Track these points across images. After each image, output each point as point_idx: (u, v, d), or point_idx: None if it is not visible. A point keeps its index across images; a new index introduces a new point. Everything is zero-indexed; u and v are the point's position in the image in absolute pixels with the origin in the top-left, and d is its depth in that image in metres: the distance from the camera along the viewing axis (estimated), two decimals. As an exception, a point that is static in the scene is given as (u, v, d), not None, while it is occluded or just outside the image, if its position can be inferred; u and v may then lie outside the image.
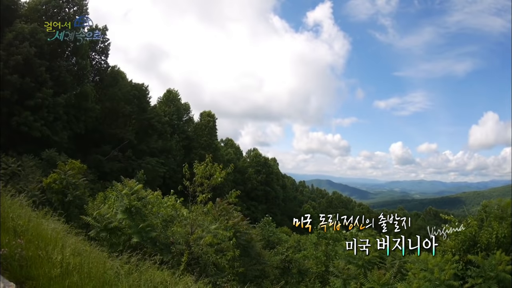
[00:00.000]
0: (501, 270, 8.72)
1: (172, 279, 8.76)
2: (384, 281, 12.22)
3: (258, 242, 19.46)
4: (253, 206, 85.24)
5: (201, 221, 14.19)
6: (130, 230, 12.74)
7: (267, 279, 17.18)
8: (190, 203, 13.61)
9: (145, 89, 62.04)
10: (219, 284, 12.00)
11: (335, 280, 14.73)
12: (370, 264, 15.00)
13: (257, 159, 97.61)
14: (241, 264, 15.26)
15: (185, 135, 70.50)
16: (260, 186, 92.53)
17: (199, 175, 13.14)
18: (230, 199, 15.00)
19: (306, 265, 20.19)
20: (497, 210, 10.60)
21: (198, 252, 12.98)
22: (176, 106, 70.94)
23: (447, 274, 9.36)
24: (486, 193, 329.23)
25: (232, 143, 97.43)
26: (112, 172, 47.12)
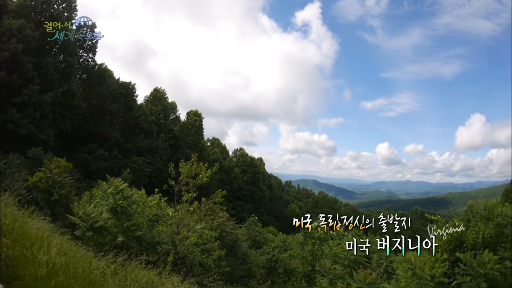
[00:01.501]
0: (490, 269, 8.79)
1: (159, 279, 8.74)
2: (370, 280, 12.28)
3: (244, 242, 19.42)
4: (239, 205, 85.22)
5: (186, 221, 14.14)
6: (116, 229, 12.67)
7: (253, 278, 17.18)
8: (175, 203, 13.58)
9: (132, 88, 61.75)
10: (205, 283, 11.99)
11: (321, 280, 14.77)
12: (356, 264, 15.05)
13: (243, 158, 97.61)
14: (227, 264, 15.22)
15: (171, 134, 70.27)
16: (246, 185, 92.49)
17: (185, 175, 13.10)
18: (216, 199, 14.99)
19: (292, 265, 20.20)
20: (483, 211, 10.68)
21: (184, 252, 12.93)
22: (163, 105, 70.68)
23: (438, 271, 9.43)
24: (472, 194, 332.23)
25: (219, 143, 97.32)
26: (98, 171, 46.77)
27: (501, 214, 9.88)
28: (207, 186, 37.20)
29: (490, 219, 10.28)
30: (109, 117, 56.09)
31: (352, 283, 12.55)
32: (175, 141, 70.58)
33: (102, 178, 15.11)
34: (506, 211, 9.85)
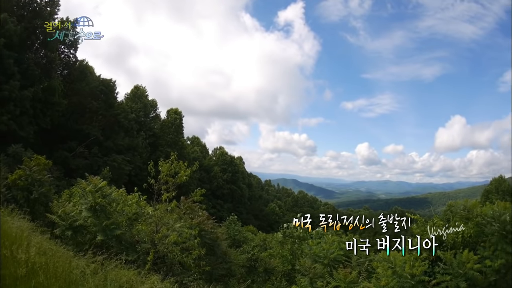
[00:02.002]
0: (469, 268, 8.88)
1: (138, 279, 8.66)
2: (350, 279, 12.31)
3: (224, 240, 19.39)
4: (219, 204, 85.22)
5: (166, 220, 14.03)
6: (95, 228, 12.54)
7: (233, 277, 17.16)
8: (155, 201, 13.48)
9: (112, 85, 61.32)
10: (185, 283, 11.92)
11: (301, 279, 14.79)
12: (336, 263, 15.09)
13: (223, 157, 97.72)
14: (207, 263, 15.16)
15: (151, 132, 69.95)
16: (226, 184, 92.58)
17: (164, 173, 13.01)
18: (195, 198, 14.89)
19: (272, 264, 20.22)
20: (463, 211, 10.80)
21: (164, 251, 12.84)
22: (143, 102, 70.31)
23: (418, 270, 9.50)
24: (451, 194, 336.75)
25: (198, 141, 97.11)
26: (78, 169, 46.40)
27: (480, 214, 10.00)
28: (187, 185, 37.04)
29: (469, 219, 10.41)
30: (89, 114, 55.42)
31: (332, 281, 12.58)
32: (155, 139, 70.28)
33: (81, 176, 14.92)
34: (486, 211, 9.97)
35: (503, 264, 8.77)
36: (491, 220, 9.49)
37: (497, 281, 9.07)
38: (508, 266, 9.07)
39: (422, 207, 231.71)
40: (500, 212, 9.53)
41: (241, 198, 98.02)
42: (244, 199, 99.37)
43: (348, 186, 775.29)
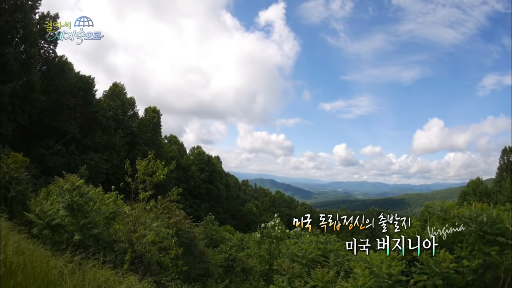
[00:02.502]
0: (446, 267, 8.99)
1: (116, 279, 8.57)
2: (327, 279, 12.37)
3: (201, 240, 19.34)
4: (196, 204, 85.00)
5: (143, 219, 13.92)
6: (72, 227, 12.39)
7: (211, 277, 17.10)
8: (132, 201, 13.36)
9: (91, 82, 60.66)
10: (163, 283, 11.84)
11: (279, 278, 14.82)
12: (313, 263, 15.15)
13: (201, 157, 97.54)
14: (184, 263, 15.08)
15: (129, 131, 69.38)
16: (203, 184, 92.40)
17: (141, 172, 12.92)
18: (172, 197, 14.78)
19: (250, 264, 20.22)
20: (440, 212, 10.92)
21: (141, 251, 12.74)
22: (121, 100, 69.75)
23: (395, 270, 9.58)
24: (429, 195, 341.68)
25: (176, 140, 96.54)
26: (56, 167, 45.75)
27: (457, 215, 10.11)
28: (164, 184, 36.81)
29: (446, 220, 10.53)
30: (67, 111, 54.67)
31: (310, 281, 12.63)
32: (133, 138, 69.75)
33: (59, 174, 14.73)
34: (463, 212, 10.09)
35: (480, 264, 8.90)
36: (468, 221, 9.61)
37: (475, 280, 9.19)
38: (486, 266, 9.20)
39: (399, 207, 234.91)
40: (477, 213, 9.66)
41: (219, 197, 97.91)
42: (221, 199, 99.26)
43: (326, 187, 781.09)
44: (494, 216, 9.28)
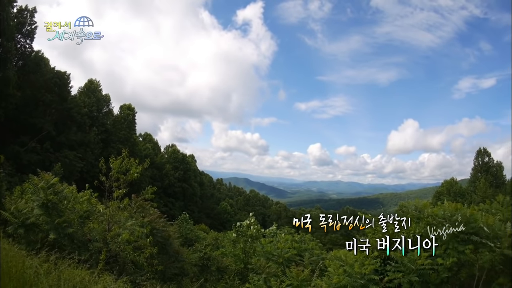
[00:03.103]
0: (420, 264, 9.13)
1: (91, 278, 8.50)
2: (302, 277, 12.42)
3: (176, 239, 19.26)
4: (171, 203, 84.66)
5: (117, 218, 13.81)
6: (47, 226, 12.22)
7: (186, 277, 17.03)
8: (106, 199, 13.26)
9: (67, 77, 59.56)
10: (138, 282, 11.76)
11: (255, 277, 14.86)
12: (289, 262, 15.22)
13: (175, 155, 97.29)
14: (159, 262, 14.99)
15: (104, 128, 68.65)
16: (177, 182, 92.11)
17: (115, 170, 12.83)
18: (146, 195, 14.70)
19: (225, 263, 20.22)
20: (414, 211, 11.06)
21: (116, 250, 12.66)
22: (96, 97, 68.97)
23: (367, 269, 9.69)
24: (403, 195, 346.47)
25: (151, 138, 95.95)
26: (30, 164, 44.91)
27: (431, 215, 10.26)
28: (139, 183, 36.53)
29: (420, 219, 10.65)
30: (42, 107, 53.66)
31: (286, 280, 12.68)
32: (107, 135, 69.06)
33: (33, 172, 14.50)
34: (437, 212, 10.24)
35: (455, 262, 9.04)
36: (442, 220, 9.76)
37: (450, 278, 9.34)
38: (460, 264, 9.35)
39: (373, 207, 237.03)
40: (451, 213, 9.81)
41: (193, 196, 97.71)
42: (196, 198, 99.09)
43: (300, 186, 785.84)
44: (468, 215, 9.43)
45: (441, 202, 11.44)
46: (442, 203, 11.29)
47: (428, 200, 14.87)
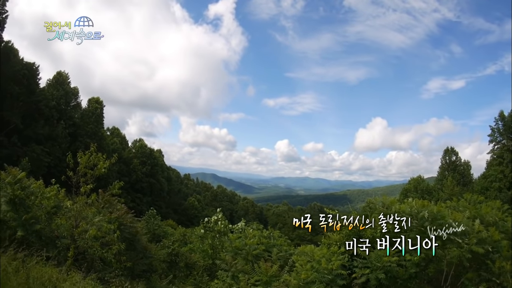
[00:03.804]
0: (387, 261, 9.30)
1: (60, 276, 8.43)
2: (271, 273, 12.52)
3: (144, 235, 19.18)
4: (138, 198, 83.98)
5: (85, 214, 13.67)
6: (15, 222, 12.03)
7: (155, 273, 16.96)
8: (74, 194, 13.10)
9: (35, 69, 58.29)
10: (107, 279, 11.70)
11: (223, 273, 14.90)
12: (257, 258, 15.29)
13: (143, 150, 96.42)
14: (127, 258, 14.91)
15: (71, 122, 67.54)
16: (145, 178, 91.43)
17: (83, 165, 12.68)
18: (114, 191, 14.58)
19: (193, 259, 20.22)
20: (381, 207, 11.24)
21: (84, 246, 12.54)
22: (65, 90, 67.73)
23: (334, 264, 9.82)
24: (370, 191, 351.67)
25: (118, 133, 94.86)
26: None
27: (398, 211, 10.44)
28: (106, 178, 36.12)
29: (387, 215, 10.84)
30: (10, 100, 52.34)
31: (255, 275, 12.76)
32: (75, 129, 68.00)
33: (0, 167, 14.22)
34: (404, 208, 10.43)
35: (422, 258, 9.25)
36: (409, 217, 9.95)
37: (418, 273, 9.55)
38: (428, 259, 9.56)
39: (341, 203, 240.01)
40: (418, 210, 10.02)
41: (160, 192, 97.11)
42: (163, 193, 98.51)
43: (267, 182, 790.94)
44: (435, 212, 9.66)
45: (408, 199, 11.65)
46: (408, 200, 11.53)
47: (395, 197, 15.13)
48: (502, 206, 12.65)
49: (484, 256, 8.85)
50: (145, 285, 14.36)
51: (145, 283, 14.95)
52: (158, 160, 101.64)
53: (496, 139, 61.75)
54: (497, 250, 8.96)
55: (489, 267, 8.70)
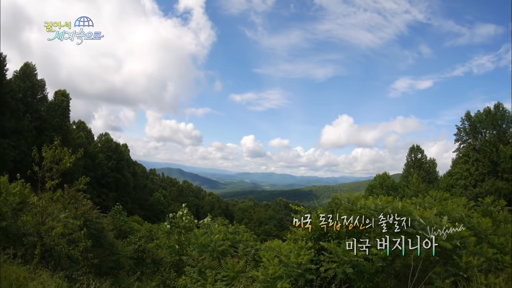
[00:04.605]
0: (354, 256, 9.47)
1: (28, 275, 8.41)
2: (238, 268, 12.61)
3: (110, 231, 19.08)
4: (104, 194, 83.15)
5: (51, 210, 13.54)
6: (-19, 221, 11.90)
7: (122, 270, 16.90)
8: (40, 190, 12.97)
9: (3, 60, 57.07)
10: (74, 277, 11.65)
11: (190, 269, 14.93)
12: (223, 254, 15.36)
13: (109, 144, 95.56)
14: (94, 255, 14.80)
15: (38, 115, 66.41)
16: (110, 173, 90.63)
17: (48, 160, 12.56)
18: (79, 186, 14.46)
19: (160, 255, 20.23)
20: (347, 203, 11.42)
21: (51, 244, 12.45)
22: (32, 82, 66.46)
23: (304, 259, 9.96)
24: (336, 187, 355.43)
25: (84, 126, 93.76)
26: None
27: (364, 207, 10.63)
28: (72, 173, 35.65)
29: (353, 211, 11.04)
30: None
31: (222, 271, 12.85)
32: (41, 123, 66.94)
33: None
34: (369, 204, 10.63)
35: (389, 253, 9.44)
36: (375, 213, 10.14)
37: (385, 267, 9.75)
38: (395, 254, 9.77)
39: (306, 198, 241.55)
40: (383, 206, 10.23)
41: (126, 187, 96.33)
42: (129, 188, 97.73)
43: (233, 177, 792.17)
44: (400, 208, 9.88)
45: (373, 195, 11.89)
46: (374, 196, 11.79)
47: (361, 193, 15.43)
48: (468, 203, 13.09)
49: (451, 251, 9.12)
50: (113, 283, 14.31)
51: (112, 280, 14.89)
52: (124, 155, 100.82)
53: (462, 138, 63.52)
54: (464, 245, 9.25)
55: (456, 262, 8.97)
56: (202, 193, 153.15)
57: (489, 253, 9.46)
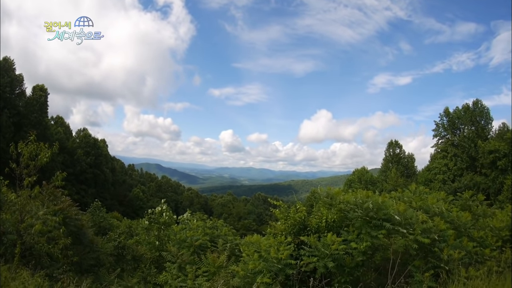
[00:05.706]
0: (335, 249, 9.60)
1: (9, 275, 8.43)
2: (219, 264, 12.71)
3: (90, 228, 19.00)
4: (83, 190, 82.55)
5: (29, 207, 13.45)
6: (-40, 220, 11.81)
7: (103, 267, 16.88)
8: (18, 187, 12.88)
9: (-19, 56, 56.08)
10: (55, 276, 11.65)
11: (170, 265, 14.98)
12: (202, 249, 15.41)
13: (87, 140, 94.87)
14: (74, 253, 14.77)
15: (16, 111, 65.45)
16: (89, 168, 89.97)
17: (26, 156, 12.50)
18: (57, 182, 14.34)
19: (140, 251, 20.24)
20: (326, 198, 11.58)
21: (31, 242, 12.42)
22: (10, 77, 65.43)
23: (284, 254, 10.07)
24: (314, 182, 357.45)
25: (62, 122, 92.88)
26: None
27: (343, 201, 10.81)
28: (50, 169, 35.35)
29: (332, 205, 11.23)
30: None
31: (202, 267, 12.91)
32: (19, 119, 66.12)
33: None
34: (348, 198, 10.81)
35: (369, 246, 9.58)
36: (354, 207, 10.32)
37: (365, 261, 9.94)
38: (374, 248, 9.96)
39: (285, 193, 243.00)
40: (363, 200, 10.42)
41: (105, 183, 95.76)
42: (108, 184, 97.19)
43: (212, 172, 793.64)
44: (379, 202, 10.06)
45: (352, 189, 12.08)
46: (353, 191, 12.01)
47: (340, 188, 15.63)
48: (447, 197, 13.42)
49: (430, 245, 9.32)
50: (93, 280, 14.31)
51: (93, 278, 14.89)
52: (103, 150, 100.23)
53: (440, 133, 64.55)
54: (444, 239, 9.45)
55: (437, 254, 9.17)
56: (181, 189, 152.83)
57: (469, 247, 9.69)
